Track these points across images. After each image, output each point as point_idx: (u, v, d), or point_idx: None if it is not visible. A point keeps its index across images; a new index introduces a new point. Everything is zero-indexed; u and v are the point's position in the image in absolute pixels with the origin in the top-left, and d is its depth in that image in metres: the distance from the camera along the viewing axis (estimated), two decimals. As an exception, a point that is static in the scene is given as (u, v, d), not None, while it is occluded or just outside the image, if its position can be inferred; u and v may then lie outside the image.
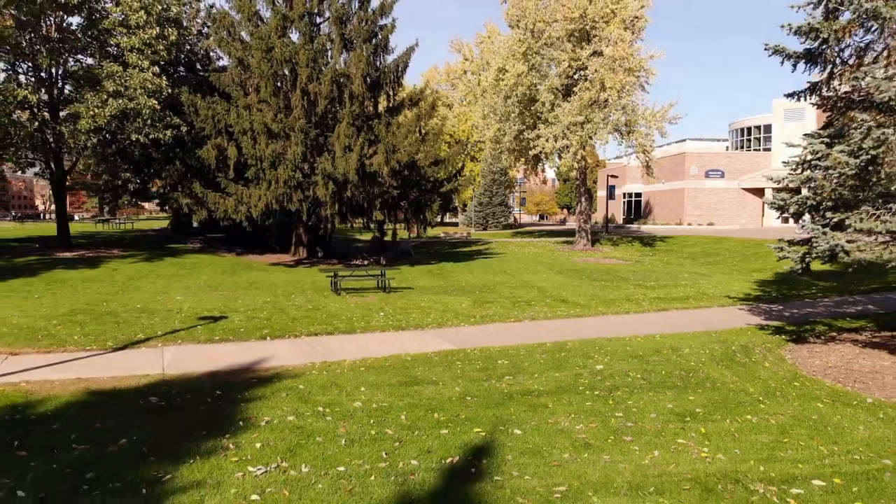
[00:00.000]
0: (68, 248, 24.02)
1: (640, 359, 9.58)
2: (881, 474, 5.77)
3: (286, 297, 15.78)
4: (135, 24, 21.18)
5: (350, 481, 5.26)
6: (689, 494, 5.17)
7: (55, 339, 10.54)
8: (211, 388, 7.79)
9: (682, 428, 6.69)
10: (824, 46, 9.56)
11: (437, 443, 6.11)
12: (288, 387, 7.89)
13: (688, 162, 49.78)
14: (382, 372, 8.73)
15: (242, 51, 23.35)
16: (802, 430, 6.81)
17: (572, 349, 10.25)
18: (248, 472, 5.41)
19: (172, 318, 12.41)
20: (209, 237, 30.26)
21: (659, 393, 7.87)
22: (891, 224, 8.20)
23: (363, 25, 24.43)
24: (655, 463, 5.77)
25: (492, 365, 9.20)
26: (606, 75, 30.25)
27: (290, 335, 11.20)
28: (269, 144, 21.57)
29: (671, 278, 21.67)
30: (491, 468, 5.56)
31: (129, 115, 20.89)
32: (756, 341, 11.08)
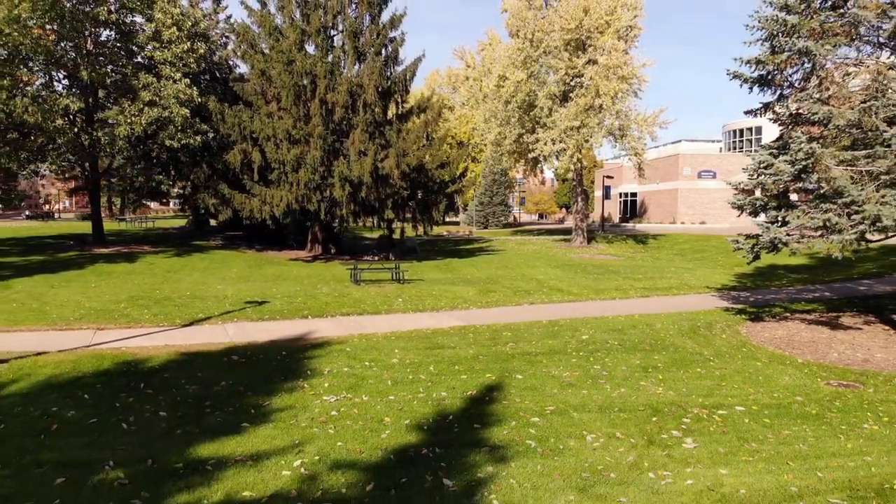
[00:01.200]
0: (103, 245, 26.02)
1: (618, 331, 11.63)
2: (790, 405, 7.80)
3: (313, 287, 17.79)
4: (167, 39, 23.19)
5: (399, 404, 7.30)
6: (643, 413, 7.20)
7: (130, 317, 12.57)
8: (276, 351, 9.83)
9: (644, 376, 8.73)
10: (772, 74, 11.59)
11: (459, 383, 8.15)
12: (337, 349, 9.93)
13: (681, 163, 51.80)
14: (409, 340, 10.77)
15: (264, 63, 25.34)
16: (739, 378, 8.85)
17: (564, 325, 12.29)
18: (323, 400, 7.45)
19: (222, 303, 14.44)
20: (228, 235, 32.28)
21: (630, 354, 9.91)
22: (817, 221, 10.23)
23: (375, 38, 26.43)
24: (621, 395, 7.81)
25: (497, 335, 11.24)
26: (601, 83, 32.27)
27: (326, 315, 13.24)
28: (291, 150, 23.58)
29: (658, 272, 23.69)
30: (500, 397, 7.60)
31: (163, 122, 22.88)
32: (719, 320, 13.13)
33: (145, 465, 5.57)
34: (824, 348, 10.86)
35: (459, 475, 5.35)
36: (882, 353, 10.48)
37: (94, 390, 7.77)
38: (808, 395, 8.21)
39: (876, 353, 10.50)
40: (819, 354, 10.46)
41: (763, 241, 10.94)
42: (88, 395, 7.56)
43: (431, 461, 5.65)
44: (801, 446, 6.33)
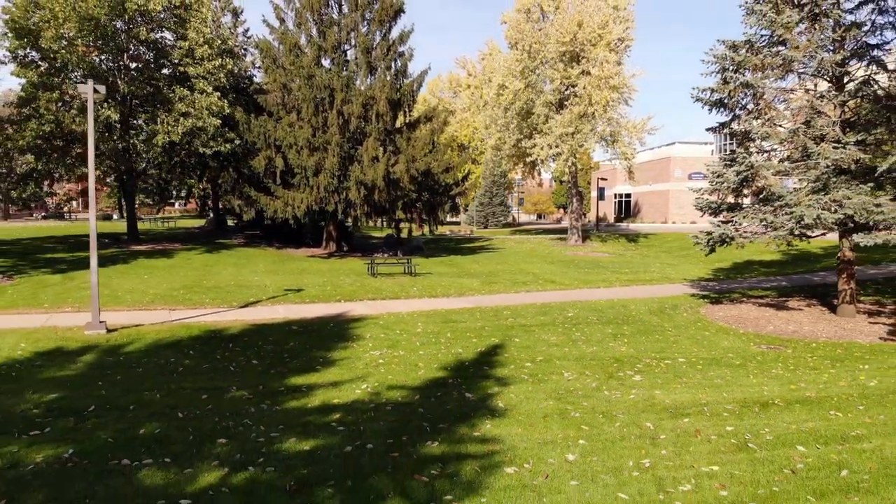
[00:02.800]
0: (138, 243, 28.49)
1: (598, 311, 14.17)
2: (721, 358, 10.32)
3: (336, 278, 20.30)
4: (200, 56, 25.68)
5: (427, 356, 9.83)
6: (608, 361, 9.73)
7: (192, 301, 15.07)
8: (324, 323, 12.36)
9: (613, 340, 11.26)
10: (725, 100, 14.11)
11: (471, 343, 10.68)
12: (372, 322, 12.45)
13: (673, 165, 54.36)
14: (428, 317, 13.29)
15: (286, 76, 27.84)
16: (688, 342, 11.38)
17: (554, 306, 14.82)
18: (370, 353, 9.97)
19: (264, 290, 16.96)
20: (248, 234, 34.76)
21: (605, 326, 12.44)
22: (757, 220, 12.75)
23: (385, 54, 28.92)
24: (593, 352, 10.34)
25: (499, 313, 13.77)
26: (593, 92, 34.81)
27: (355, 299, 15.76)
28: (311, 156, 26.10)
29: (644, 267, 26.21)
30: (502, 352, 10.13)
31: (197, 131, 25.35)
32: (684, 303, 15.66)
33: (258, 388, 8.09)
34: (764, 323, 13.38)
35: (475, 391, 7.88)
36: (809, 327, 13.01)
37: (195, 348, 10.29)
38: (738, 353, 10.74)
39: (805, 327, 13.03)
40: (759, 327, 12.98)
41: (714, 236, 13.47)
42: (193, 351, 10.09)
43: (456, 385, 8.18)
44: (719, 381, 8.85)
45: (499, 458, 5.62)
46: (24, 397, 7.64)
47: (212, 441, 6.09)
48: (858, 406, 7.65)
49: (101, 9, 23.55)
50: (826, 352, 10.91)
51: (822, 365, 9.94)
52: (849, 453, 6.00)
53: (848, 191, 12.40)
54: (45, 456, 5.75)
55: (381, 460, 5.53)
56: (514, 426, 6.56)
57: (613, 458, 5.72)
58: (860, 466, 5.67)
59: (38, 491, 5.02)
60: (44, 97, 24.14)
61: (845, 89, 13.61)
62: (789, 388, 8.47)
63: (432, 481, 5.08)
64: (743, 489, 5.11)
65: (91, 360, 9.49)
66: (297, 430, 6.39)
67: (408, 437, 6.14)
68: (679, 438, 6.33)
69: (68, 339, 10.72)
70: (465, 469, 5.33)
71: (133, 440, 6.17)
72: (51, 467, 5.54)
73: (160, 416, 6.92)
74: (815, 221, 12.02)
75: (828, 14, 12.90)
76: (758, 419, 7.07)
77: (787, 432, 6.60)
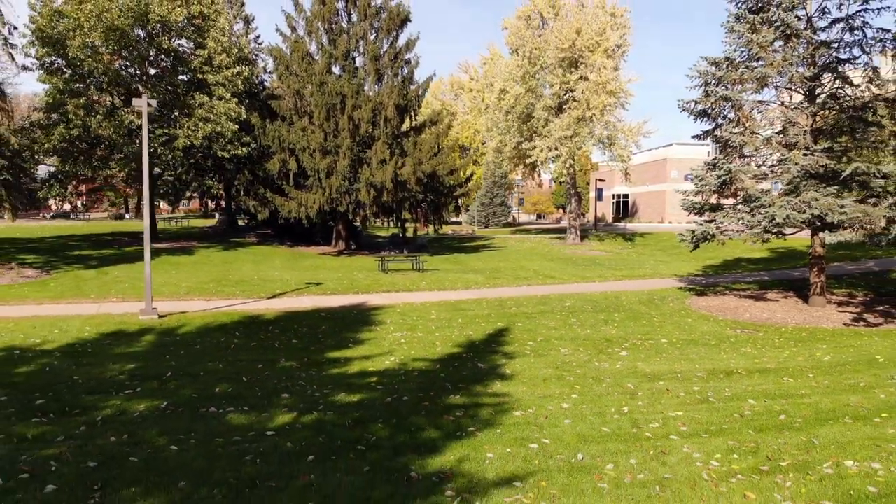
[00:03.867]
0: (158, 241, 29.94)
1: (592, 301, 15.65)
2: (699, 340, 11.79)
3: (350, 274, 21.77)
4: (218, 64, 27.15)
5: (443, 337, 11.31)
6: (599, 341, 11.19)
7: (223, 292, 16.54)
8: (348, 311, 13.84)
9: (605, 324, 12.75)
10: (708, 111, 15.59)
11: (480, 327, 12.16)
12: (390, 310, 13.93)
13: (669, 167, 55.82)
14: (440, 306, 14.77)
15: (299, 83, 29.31)
16: (671, 326, 12.85)
17: (553, 297, 16.30)
18: (393, 335, 11.45)
19: (287, 283, 18.43)
20: (260, 232, 36.22)
21: (598, 313, 13.93)
22: (734, 219, 14.22)
23: (393, 62, 30.40)
24: (587, 334, 11.83)
25: (504, 303, 15.25)
26: (591, 97, 36.29)
27: (371, 292, 17.23)
28: (323, 159, 27.57)
29: (638, 264, 27.68)
30: (507, 333, 11.61)
31: (215, 136, 26.82)
32: (672, 295, 17.14)
33: (303, 360, 9.57)
34: (742, 312, 14.86)
35: (486, 362, 9.36)
36: (782, 315, 14.49)
37: (240, 330, 11.77)
38: (715, 335, 12.22)
39: (778, 315, 14.51)
40: (737, 315, 14.46)
41: (697, 234, 14.95)
42: (238, 333, 11.57)
43: (469, 358, 9.66)
44: (694, 356, 10.33)
45: (508, 405, 7.10)
46: (107, 367, 9.12)
47: (277, 396, 7.58)
48: (809, 374, 9.13)
49: (126, 19, 25.01)
50: (793, 335, 12.39)
51: (787, 345, 11.42)
52: (790, 405, 7.49)
53: (816, 193, 13.87)
54: (145, 406, 7.23)
55: (416, 407, 7.02)
56: (520, 386, 8.05)
57: (599, 406, 7.20)
58: (796, 413, 7.16)
59: (150, 428, 6.50)
60: (71, 103, 25.58)
61: (816, 101, 15.10)
62: (753, 362, 9.96)
63: (457, 419, 6.56)
64: (699, 426, 6.60)
65: (152, 339, 10.97)
66: (344, 388, 7.87)
67: (434, 393, 7.62)
68: (653, 395, 7.81)
69: (126, 323, 12.20)
70: (482, 412, 6.82)
71: (212, 396, 7.65)
72: (153, 413, 7.02)
73: (228, 379, 8.39)
74: (785, 220, 13.50)
75: (798, 35, 14.38)
76: (721, 383, 8.55)
77: (743, 392, 8.08)
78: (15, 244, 27.77)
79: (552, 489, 4.95)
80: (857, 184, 14.31)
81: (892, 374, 9.14)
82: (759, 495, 4.96)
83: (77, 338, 11.03)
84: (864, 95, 14.87)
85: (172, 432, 6.33)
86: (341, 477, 5.14)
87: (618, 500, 4.81)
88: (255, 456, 5.59)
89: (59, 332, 11.32)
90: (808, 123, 15.10)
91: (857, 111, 14.47)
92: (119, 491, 4.93)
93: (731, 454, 5.83)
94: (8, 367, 9.05)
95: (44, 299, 15.11)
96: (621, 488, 5.03)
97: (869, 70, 14.77)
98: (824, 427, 6.69)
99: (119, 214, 54.34)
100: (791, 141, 14.54)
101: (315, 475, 5.15)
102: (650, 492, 4.96)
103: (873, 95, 14.71)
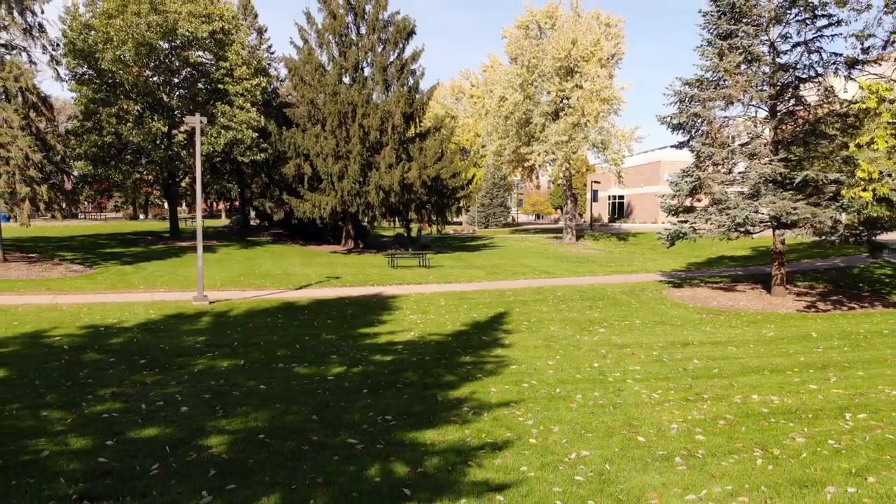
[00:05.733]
0: (180, 240, 32.10)
1: (581, 291, 17.83)
2: (668, 322, 13.94)
3: (363, 269, 23.93)
4: (239, 76, 29.31)
5: (452, 319, 13.49)
6: (582, 321, 13.37)
7: (254, 284, 18.69)
8: (368, 299, 16.01)
9: (589, 310, 14.92)
10: (683, 124, 17.76)
11: (483, 312, 14.34)
12: (404, 299, 16.11)
13: (662, 169, 57.93)
14: (447, 295, 16.95)
15: (313, 93, 31.48)
16: (646, 312, 15.02)
17: (546, 289, 18.48)
18: (410, 318, 13.62)
19: (308, 277, 20.59)
20: (273, 232, 38.40)
21: (585, 301, 16.11)
22: (703, 219, 16.39)
23: (399, 73, 32.59)
24: (573, 316, 14.01)
25: (503, 294, 17.43)
26: (586, 104, 38.48)
27: (385, 284, 19.39)
28: (335, 164, 29.73)
29: (628, 261, 29.86)
30: (506, 316, 13.79)
31: (236, 142, 28.98)
32: (652, 286, 19.32)
33: (340, 334, 11.74)
34: (711, 300, 17.03)
35: (489, 336, 11.54)
36: (745, 303, 16.66)
37: (281, 313, 13.94)
38: (682, 318, 14.40)
39: (741, 303, 16.68)
40: (706, 303, 16.63)
41: (672, 232, 17.12)
42: (280, 315, 13.74)
43: (475, 333, 11.85)
44: (659, 333, 12.50)
45: (506, 362, 9.28)
46: (182, 339, 11.28)
47: (327, 356, 9.75)
48: (750, 345, 11.31)
49: (154, 34, 27.17)
50: (749, 318, 14.57)
51: (741, 325, 13.60)
52: (725, 364, 9.66)
53: (773, 197, 16.05)
54: (227, 364, 9.40)
55: (436, 363, 9.19)
56: (516, 351, 10.23)
57: (576, 363, 9.38)
58: (728, 369, 9.34)
59: (238, 376, 8.66)
60: (105, 112, 27.73)
61: (777, 116, 17.27)
62: (708, 336, 12.14)
63: (468, 370, 8.74)
64: (650, 375, 8.78)
65: (210, 320, 13.13)
66: (378, 351, 10.05)
67: (449, 355, 9.80)
68: (620, 357, 9.99)
69: (183, 308, 14.36)
70: (486, 366, 9.00)
71: (277, 357, 9.82)
72: (235, 368, 9.18)
73: (285, 346, 10.57)
74: (745, 220, 15.67)
75: (760, 59, 16.56)
76: (676, 350, 10.73)
77: (692, 355, 10.26)
78: (49, 243, 29.92)
79: (536, 407, 7.13)
80: (812, 189, 16.48)
81: (818, 345, 11.33)
82: (682, 411, 7.14)
83: (147, 318, 13.18)
84: (818, 112, 17.06)
85: (257, 378, 8.50)
86: (389, 400, 7.32)
87: (582, 413, 6.99)
88: (324, 390, 7.78)
89: (130, 315, 13.48)
90: (770, 136, 17.27)
91: (811, 125, 16.65)
92: (234, 409, 7.11)
93: (669, 391, 8.01)
94: (102, 339, 11.21)
95: (99, 290, 17.26)
96: (586, 408, 7.21)
97: (822, 89, 16.94)
98: (746, 377, 8.87)
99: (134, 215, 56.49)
100: (754, 151, 16.71)
101: (370, 400, 7.33)
102: (606, 409, 7.15)
103: (826, 112, 16.90)
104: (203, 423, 6.55)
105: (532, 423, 6.58)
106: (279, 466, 5.37)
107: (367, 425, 6.46)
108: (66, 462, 5.60)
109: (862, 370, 9.26)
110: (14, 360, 9.58)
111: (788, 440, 6.24)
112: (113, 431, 6.37)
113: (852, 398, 7.78)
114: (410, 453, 5.67)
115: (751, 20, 17.03)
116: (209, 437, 6.15)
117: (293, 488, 4.93)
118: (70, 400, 7.49)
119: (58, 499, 4.85)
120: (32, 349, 10.30)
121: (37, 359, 9.61)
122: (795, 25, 16.99)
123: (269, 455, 5.65)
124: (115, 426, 6.54)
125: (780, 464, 5.63)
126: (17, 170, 20.91)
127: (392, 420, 6.62)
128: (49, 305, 14.44)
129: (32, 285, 17.79)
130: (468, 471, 5.28)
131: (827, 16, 16.51)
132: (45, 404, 7.34)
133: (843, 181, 14.62)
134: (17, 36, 22.60)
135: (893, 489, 5.16)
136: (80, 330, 11.86)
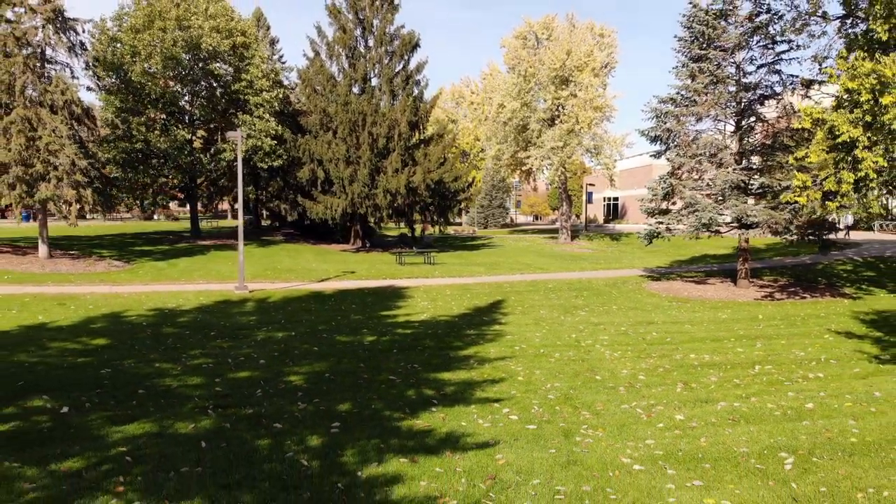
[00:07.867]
0: (201, 239, 34.52)
1: (570, 284, 20.28)
2: (642, 307, 16.38)
3: (374, 266, 26.36)
4: (258, 88, 31.75)
5: (458, 304, 15.92)
6: (567, 306, 15.81)
7: (280, 277, 21.09)
8: (384, 290, 18.44)
9: (575, 298, 17.37)
10: (660, 136, 20.21)
11: (483, 299, 16.79)
12: (414, 290, 18.54)
13: (654, 172, 60.17)
14: (452, 287, 19.39)
15: (325, 102, 33.92)
16: (625, 301, 17.46)
17: (539, 282, 20.92)
18: (421, 304, 16.05)
19: (326, 272, 23.00)
20: (285, 232, 40.83)
21: (572, 292, 18.55)
22: (674, 222, 18.83)
23: (405, 83, 35.05)
24: (560, 303, 16.45)
25: (501, 286, 19.88)
26: (580, 112, 40.94)
27: (396, 278, 21.82)
28: (346, 169, 32.17)
29: (617, 259, 32.31)
30: (503, 303, 16.23)
31: (255, 149, 31.41)
32: (633, 280, 21.76)
33: (365, 315, 14.17)
34: (682, 291, 19.47)
35: (489, 317, 13.98)
36: (712, 293, 19.09)
37: (312, 300, 16.37)
38: (654, 303, 16.84)
39: (709, 293, 19.11)
40: (678, 293, 19.06)
41: (649, 232, 19.57)
42: (311, 301, 16.17)
43: (477, 315, 14.28)
44: (631, 315, 14.93)
45: (503, 334, 11.72)
46: (236, 319, 13.69)
47: (360, 330, 12.18)
48: (704, 324, 13.75)
49: (179, 48, 29.58)
50: (712, 304, 17.01)
51: (703, 310, 16.03)
52: (677, 336, 12.10)
53: (736, 201, 18.50)
54: (282, 335, 11.83)
55: (447, 334, 11.63)
56: (511, 327, 12.67)
57: (558, 335, 11.81)
58: (678, 339, 11.78)
59: (294, 342, 11.08)
60: (135, 121, 30.14)
61: (741, 129, 19.72)
62: (671, 318, 14.58)
63: (472, 339, 11.19)
64: (615, 343, 11.22)
65: (254, 304, 15.55)
66: (399, 327, 12.49)
67: (456, 329, 12.23)
68: (594, 331, 12.43)
69: (228, 295, 16.78)
70: (486, 336, 11.44)
71: (319, 330, 12.25)
72: (289, 337, 11.61)
73: (323, 322, 13.00)
74: (710, 221, 18.12)
75: (725, 80, 19.02)
76: (641, 327, 13.17)
77: (653, 330, 12.70)
78: (82, 241, 32.31)
79: (524, 361, 9.58)
80: (770, 194, 18.93)
81: (760, 324, 13.76)
82: (633, 364, 9.58)
83: (200, 304, 15.59)
84: (777, 126, 19.52)
85: (309, 343, 10.93)
86: (414, 356, 9.77)
87: (558, 363, 9.43)
88: (364, 350, 10.22)
89: (184, 300, 15.90)
90: (736, 147, 19.72)
91: (773, 138, 19.10)
92: (300, 361, 9.55)
93: (627, 352, 10.46)
94: (171, 318, 13.63)
95: (145, 281, 19.66)
96: (561, 361, 9.65)
97: (782, 107, 19.39)
98: (691, 344, 11.31)
99: (148, 215, 58.84)
100: (721, 161, 19.17)
101: (399, 357, 9.77)
102: (576, 362, 9.59)
103: (784, 126, 19.35)
104: (281, 369, 8.99)
105: (520, 370, 9.02)
106: (345, 390, 7.81)
107: (401, 370, 8.90)
108: (191, 391, 8.03)
109: (785, 340, 11.71)
110: (108, 332, 12.00)
111: (705, 379, 8.68)
112: (216, 374, 8.79)
113: (767, 357, 10.23)
114: (434, 384, 8.12)
115: (719, 45, 19.50)
116: (289, 376, 8.58)
117: (358, 401, 7.36)
118: (171, 357, 9.92)
119: (199, 408, 7.27)
120: (118, 325, 12.72)
121: (126, 332, 12.03)
122: (759, 50, 19.47)
123: (336, 386, 8.09)
124: (216, 371, 8.96)
125: (693, 391, 8.07)
126: (65, 175, 23.32)
127: (419, 367, 9.06)
128: (111, 294, 16.86)
129: (85, 278, 20.19)
130: (475, 393, 7.72)
131: (787, 41, 18.97)
132: (153, 359, 9.76)
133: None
134: (63, 53, 25.04)
135: (767, 405, 7.60)
136: (149, 311, 14.28)
